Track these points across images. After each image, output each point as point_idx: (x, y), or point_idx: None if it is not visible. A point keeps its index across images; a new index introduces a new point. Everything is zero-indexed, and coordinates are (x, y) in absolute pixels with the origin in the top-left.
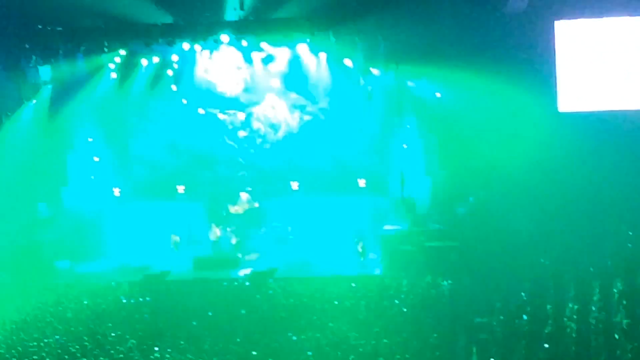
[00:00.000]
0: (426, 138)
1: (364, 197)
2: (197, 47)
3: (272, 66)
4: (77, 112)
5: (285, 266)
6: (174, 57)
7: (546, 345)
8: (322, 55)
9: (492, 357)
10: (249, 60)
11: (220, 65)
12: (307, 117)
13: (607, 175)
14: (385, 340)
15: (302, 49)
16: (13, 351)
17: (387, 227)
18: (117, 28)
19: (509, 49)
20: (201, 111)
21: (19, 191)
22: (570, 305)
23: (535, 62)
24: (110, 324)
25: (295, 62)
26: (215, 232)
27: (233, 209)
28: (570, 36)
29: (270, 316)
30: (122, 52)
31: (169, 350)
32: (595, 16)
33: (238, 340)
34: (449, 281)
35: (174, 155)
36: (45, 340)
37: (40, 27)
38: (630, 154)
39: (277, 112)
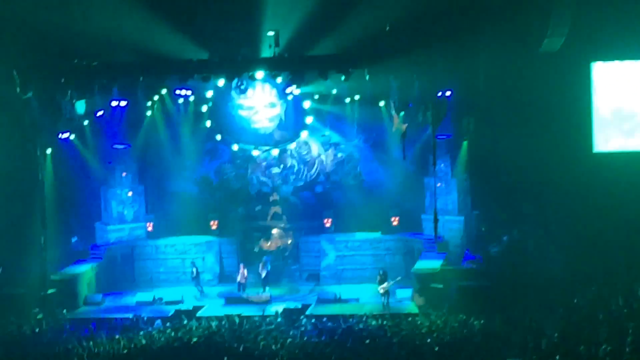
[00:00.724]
0: (460, 178)
1: (397, 235)
2: (232, 83)
3: (306, 103)
4: (111, 147)
5: (317, 303)
6: (209, 93)
7: None
8: (356, 94)
9: None
10: (283, 97)
11: (254, 101)
12: (340, 155)
13: None
14: None
15: (336, 86)
16: None
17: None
18: (153, 63)
19: (545, 90)
20: (235, 147)
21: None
22: (604, 346)
23: (571, 103)
24: (141, 359)
25: (329, 100)
26: (243, 273)
27: (266, 245)
28: (606, 77)
29: (303, 353)
30: (163, 91)
31: None
32: (631, 58)
33: None
34: (481, 320)
35: (207, 190)
36: None
37: (76, 61)
38: None
39: (311, 149)
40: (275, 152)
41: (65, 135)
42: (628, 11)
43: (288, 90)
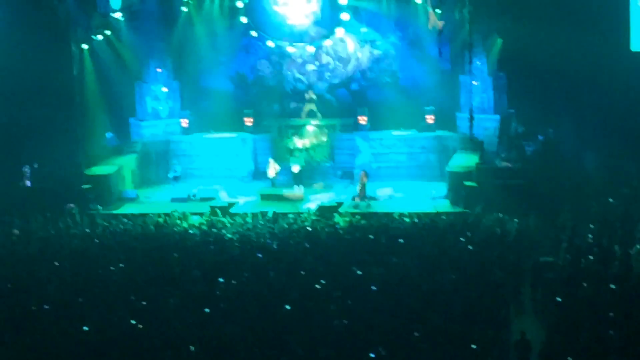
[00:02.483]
0: (496, 76)
1: (432, 133)
2: None
3: (342, 0)
4: (146, 43)
5: (351, 201)
6: None
7: (612, 286)
8: None
9: (557, 296)
10: None
11: None
12: (377, 52)
13: None
14: (450, 277)
15: None
16: (78, 278)
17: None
18: None
19: None
20: (270, 44)
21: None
22: (638, 246)
23: (608, 1)
24: (175, 254)
25: None
26: (274, 167)
27: (300, 142)
28: None
29: (335, 250)
30: None
31: (233, 281)
32: None
33: (302, 273)
34: (516, 220)
35: (242, 87)
36: (112, 268)
37: None
38: None
39: (346, 46)
40: (310, 48)
41: (100, 35)
42: None
43: None
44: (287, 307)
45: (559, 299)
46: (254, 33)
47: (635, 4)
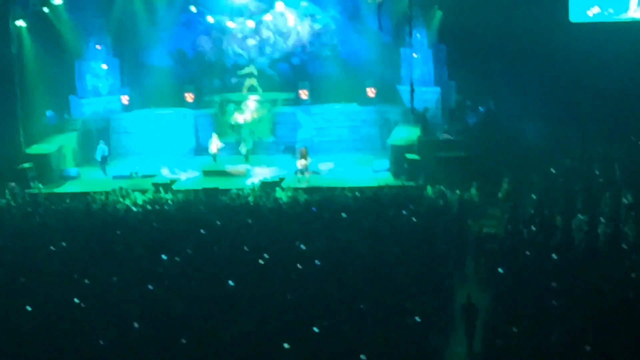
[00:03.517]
0: (436, 48)
1: (374, 106)
2: None
3: None
4: (85, 20)
5: (293, 175)
6: None
7: (554, 256)
8: None
9: (500, 267)
10: None
11: None
12: (317, 26)
13: (619, 84)
14: (393, 249)
15: None
16: (20, 257)
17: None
18: None
19: None
20: (210, 19)
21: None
22: (579, 216)
23: None
24: (118, 232)
25: None
26: (216, 143)
27: (241, 118)
28: None
29: (278, 225)
30: None
31: (177, 258)
32: None
33: (246, 249)
34: (457, 192)
35: (182, 63)
36: (53, 248)
37: None
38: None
39: (287, 20)
40: (251, 23)
41: (39, 8)
42: None
43: None
44: (231, 282)
45: (501, 270)
46: (193, 8)
47: None
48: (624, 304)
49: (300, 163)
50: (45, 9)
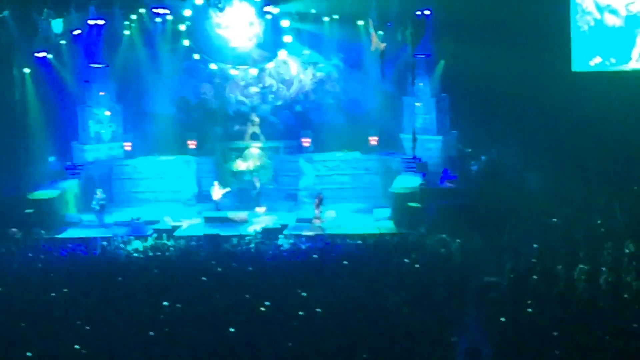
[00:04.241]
0: (439, 97)
1: (376, 154)
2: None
3: (284, 22)
4: (89, 66)
5: (295, 223)
6: (187, 12)
7: (556, 306)
8: (335, 13)
9: (502, 316)
10: (261, 15)
11: (232, 20)
12: (320, 74)
13: (621, 134)
14: (394, 298)
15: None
16: (21, 303)
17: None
18: None
19: (523, 8)
20: (213, 67)
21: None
22: (581, 265)
23: (549, 22)
24: (120, 278)
25: (307, 19)
26: (218, 190)
27: (244, 165)
28: None
29: (279, 273)
30: (141, 9)
31: (178, 305)
32: None
33: (247, 296)
34: (459, 240)
35: (185, 110)
36: (53, 294)
37: None
38: None
39: (289, 68)
40: (253, 71)
41: (42, 54)
42: None
43: (266, 8)
44: (232, 329)
45: (503, 319)
46: (196, 56)
47: (576, 25)
48: (626, 354)
49: (317, 210)
50: (49, 56)
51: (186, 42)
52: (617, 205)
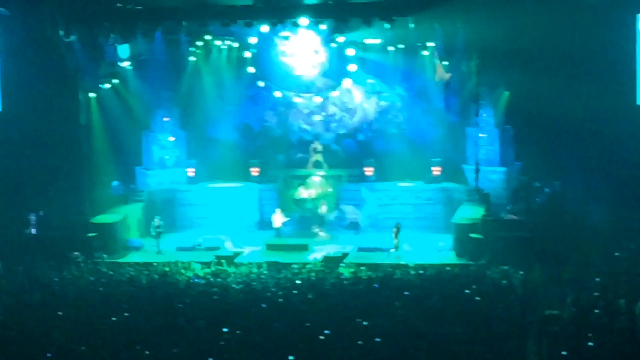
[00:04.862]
0: (503, 128)
1: (439, 184)
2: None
3: (349, 51)
4: (154, 92)
5: (357, 252)
6: (252, 40)
7: (617, 340)
8: (400, 43)
9: (563, 350)
10: (327, 44)
11: (298, 48)
12: (383, 103)
13: None
14: (455, 329)
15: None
16: (82, 327)
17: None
18: (196, 9)
19: (589, 41)
20: (277, 94)
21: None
22: None
23: (615, 54)
24: (180, 304)
25: (372, 48)
26: (279, 218)
27: (306, 193)
28: None
29: (340, 301)
30: (207, 37)
31: (237, 332)
32: None
33: (307, 324)
34: (521, 272)
35: (248, 137)
36: (114, 318)
37: (119, 5)
38: None
39: (353, 96)
40: (317, 99)
41: (107, 84)
42: None
43: (332, 37)
44: (291, 357)
45: (564, 353)
46: (261, 83)
47: None
48: None
49: (395, 239)
50: (115, 81)
51: (251, 69)
52: None
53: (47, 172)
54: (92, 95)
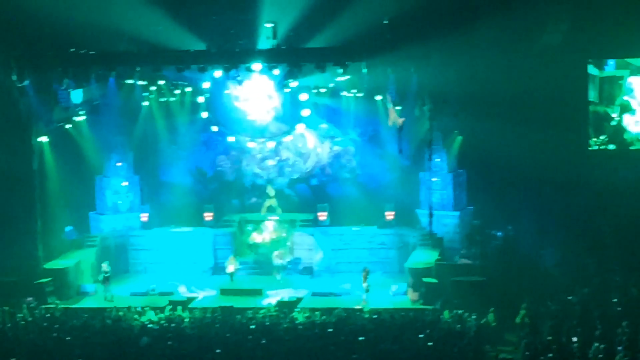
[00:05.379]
0: (456, 173)
1: (392, 229)
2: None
3: (303, 96)
4: (107, 137)
5: (311, 296)
6: (206, 85)
7: None
8: (353, 88)
9: None
10: (280, 89)
11: (251, 93)
12: (336, 148)
13: (637, 209)
14: None
15: (333, 79)
16: None
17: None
18: (150, 53)
19: (541, 87)
20: (231, 139)
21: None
22: (596, 344)
23: (567, 101)
24: (132, 350)
25: (326, 93)
26: (233, 264)
27: (259, 237)
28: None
29: (294, 346)
30: (160, 82)
31: None
32: (628, 56)
33: None
34: (474, 315)
35: (202, 182)
36: None
37: (73, 50)
38: None
39: (307, 141)
40: (271, 144)
41: (61, 124)
42: (626, 10)
43: (285, 82)
44: None
45: None
46: (214, 128)
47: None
48: None
49: (365, 284)
50: (68, 126)
51: (204, 114)
52: (634, 284)
53: (0, 217)
54: (44, 139)
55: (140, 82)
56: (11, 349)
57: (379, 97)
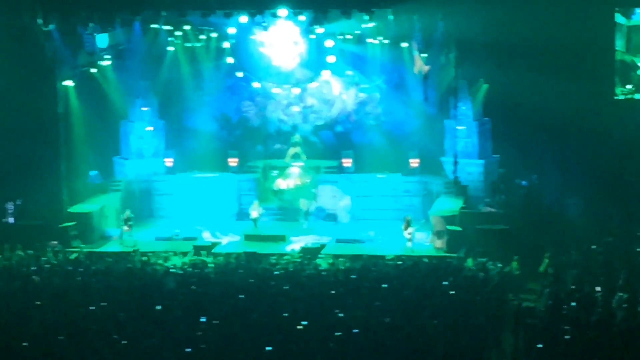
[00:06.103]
0: (481, 121)
1: (417, 177)
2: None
3: (328, 42)
4: (132, 82)
5: (335, 243)
6: (231, 30)
7: (594, 333)
8: (379, 35)
9: (539, 342)
10: (306, 35)
11: (277, 39)
12: (362, 95)
13: None
14: (433, 321)
15: (359, 26)
16: (59, 316)
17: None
18: None
19: (568, 34)
20: (256, 85)
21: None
22: (620, 293)
23: (593, 49)
24: (157, 294)
25: (351, 40)
26: (256, 209)
27: (284, 184)
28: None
29: (318, 292)
30: (186, 27)
31: (215, 322)
32: None
33: (285, 314)
34: (498, 264)
35: (227, 128)
36: (91, 308)
37: None
38: None
39: (332, 88)
40: (296, 90)
41: (87, 68)
42: None
43: (311, 28)
44: (269, 348)
45: (540, 345)
46: (239, 74)
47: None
48: None
49: (407, 232)
50: (93, 70)
51: (230, 60)
52: None
53: (25, 161)
54: (70, 84)
55: (165, 27)
56: (35, 292)
57: (404, 45)
